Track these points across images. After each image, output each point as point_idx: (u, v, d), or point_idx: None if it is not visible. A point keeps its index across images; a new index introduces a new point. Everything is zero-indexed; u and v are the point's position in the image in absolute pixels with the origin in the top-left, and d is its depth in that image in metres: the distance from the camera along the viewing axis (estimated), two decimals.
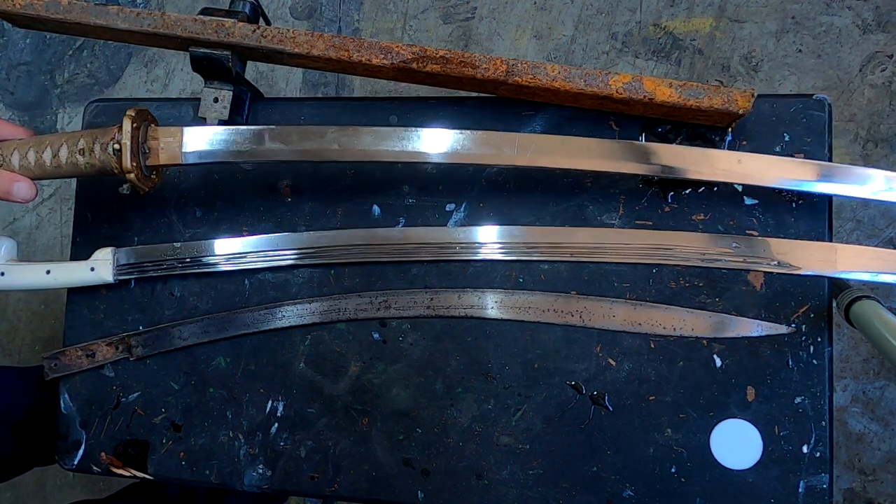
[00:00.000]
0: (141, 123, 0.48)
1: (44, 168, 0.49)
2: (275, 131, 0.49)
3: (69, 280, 0.55)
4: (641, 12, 1.18)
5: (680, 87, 0.48)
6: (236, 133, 0.49)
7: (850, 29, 1.12)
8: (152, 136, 0.49)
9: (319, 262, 0.55)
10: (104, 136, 0.48)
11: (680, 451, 0.51)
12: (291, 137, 0.49)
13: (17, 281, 0.54)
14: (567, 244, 0.52)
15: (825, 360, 0.50)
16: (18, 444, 0.75)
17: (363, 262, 0.54)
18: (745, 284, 0.51)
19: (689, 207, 0.52)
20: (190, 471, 0.56)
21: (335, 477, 0.54)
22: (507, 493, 0.52)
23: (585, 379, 0.52)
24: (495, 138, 0.49)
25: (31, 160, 0.49)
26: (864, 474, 1.10)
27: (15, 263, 0.54)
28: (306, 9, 1.31)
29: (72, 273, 0.55)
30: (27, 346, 1.37)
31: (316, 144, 0.49)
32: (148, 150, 0.49)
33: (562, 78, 0.49)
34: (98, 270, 0.54)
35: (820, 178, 0.48)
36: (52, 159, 0.49)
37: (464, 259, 0.53)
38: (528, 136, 0.49)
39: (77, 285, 0.56)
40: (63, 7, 0.51)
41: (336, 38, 0.50)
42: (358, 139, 0.49)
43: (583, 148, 0.49)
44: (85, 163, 0.48)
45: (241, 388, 0.56)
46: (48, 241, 1.37)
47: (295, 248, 0.54)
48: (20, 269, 0.54)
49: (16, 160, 0.49)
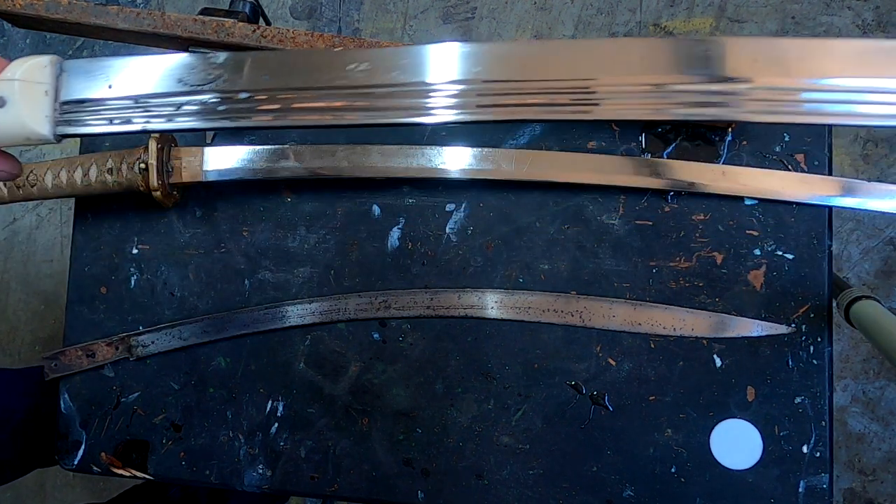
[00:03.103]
0: (165, 144, 0.52)
1: (75, 186, 0.53)
2: (289, 150, 0.53)
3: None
4: (641, 12, 1.18)
5: None
6: (254, 153, 0.53)
7: (850, 29, 1.12)
8: (175, 156, 0.53)
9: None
10: (130, 156, 0.52)
11: (680, 451, 0.51)
12: (304, 156, 0.53)
13: None
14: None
15: (825, 360, 0.50)
16: (19, 447, 0.75)
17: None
18: (745, 284, 0.51)
19: (689, 208, 0.52)
20: (190, 471, 0.56)
21: (335, 477, 0.54)
22: (507, 493, 0.52)
23: (585, 379, 0.52)
24: (494, 155, 0.52)
25: (63, 179, 0.53)
26: (864, 474, 1.10)
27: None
28: (306, 9, 1.31)
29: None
30: (27, 346, 1.37)
31: (327, 162, 0.53)
32: (171, 168, 0.53)
33: None
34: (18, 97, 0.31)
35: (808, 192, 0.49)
36: (82, 178, 0.53)
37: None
38: (525, 153, 0.52)
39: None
40: (63, 7, 0.51)
41: (336, 38, 0.50)
42: (366, 157, 0.53)
43: (575, 162, 0.52)
44: (113, 181, 0.53)
45: (241, 388, 0.56)
46: (48, 242, 1.37)
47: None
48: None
49: (49, 179, 0.53)
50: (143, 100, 0.28)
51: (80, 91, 0.28)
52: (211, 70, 0.28)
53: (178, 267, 0.57)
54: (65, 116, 0.28)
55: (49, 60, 0.28)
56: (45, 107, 0.28)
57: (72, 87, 0.28)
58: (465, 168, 0.52)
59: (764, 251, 0.51)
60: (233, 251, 0.56)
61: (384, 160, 0.52)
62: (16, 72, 0.28)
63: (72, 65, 0.28)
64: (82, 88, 0.28)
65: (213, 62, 0.28)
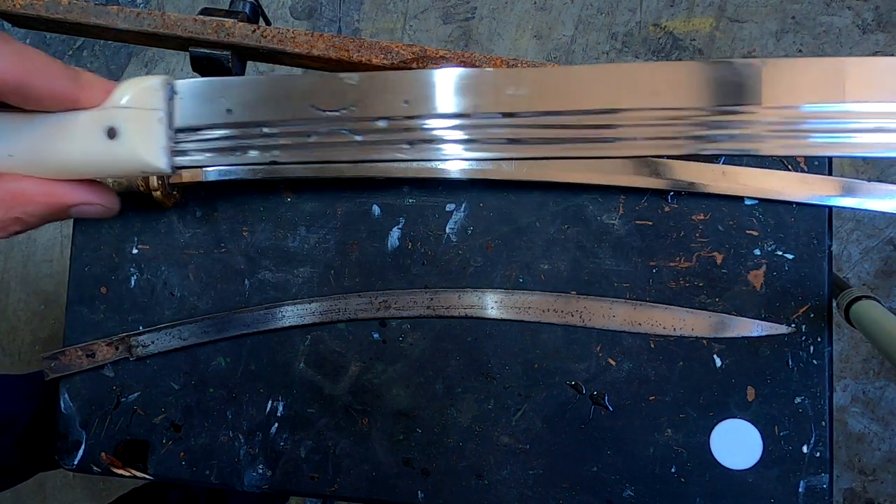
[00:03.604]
0: None
1: None
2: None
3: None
4: (641, 12, 1.18)
5: None
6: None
7: (850, 29, 1.12)
8: None
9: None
10: None
11: (680, 451, 0.51)
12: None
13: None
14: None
15: (825, 360, 0.50)
16: (22, 453, 0.75)
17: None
18: (745, 284, 0.51)
19: (689, 207, 0.52)
20: (190, 471, 0.56)
21: (335, 477, 0.54)
22: (507, 493, 0.52)
23: (585, 379, 0.52)
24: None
25: None
26: (864, 474, 1.10)
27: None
28: (306, 9, 1.31)
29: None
30: (27, 346, 1.37)
31: (328, 164, 0.51)
32: None
33: None
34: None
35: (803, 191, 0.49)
36: None
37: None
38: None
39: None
40: (63, 7, 0.51)
41: (336, 38, 0.50)
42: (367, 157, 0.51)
43: (575, 162, 0.52)
44: (113, 182, 0.52)
45: (241, 388, 0.56)
46: (48, 241, 1.37)
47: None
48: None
49: None
50: (269, 126, 0.25)
51: (196, 117, 0.25)
52: (345, 92, 0.24)
53: (178, 267, 0.57)
54: (180, 146, 0.25)
55: (160, 82, 0.25)
56: (160, 136, 0.25)
57: (187, 112, 0.25)
58: (465, 168, 0.52)
59: (764, 251, 0.51)
60: (233, 251, 0.56)
61: (384, 161, 0.52)
62: (126, 96, 0.25)
63: (185, 87, 0.25)
64: (199, 114, 0.25)
65: (348, 83, 0.24)
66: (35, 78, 0.23)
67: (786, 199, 0.50)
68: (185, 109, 0.25)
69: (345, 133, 0.25)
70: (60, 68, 0.24)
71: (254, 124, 0.25)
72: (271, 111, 0.25)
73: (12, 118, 0.25)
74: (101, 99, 0.25)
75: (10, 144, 0.25)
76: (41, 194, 0.25)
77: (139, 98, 0.25)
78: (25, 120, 0.25)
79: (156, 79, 0.25)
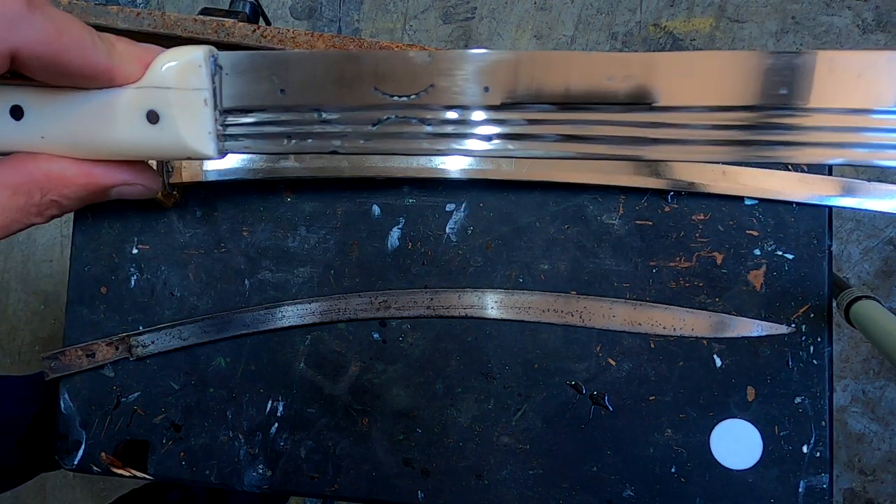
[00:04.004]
0: None
1: None
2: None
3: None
4: (641, 12, 1.19)
5: None
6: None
7: (850, 29, 1.12)
8: None
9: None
10: None
11: (680, 451, 0.51)
12: (304, 157, 0.52)
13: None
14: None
15: (825, 360, 0.50)
16: (24, 454, 0.75)
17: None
18: (745, 284, 0.51)
19: (689, 207, 0.52)
20: (190, 471, 0.56)
21: (335, 477, 0.54)
22: (507, 493, 0.52)
23: (585, 379, 0.52)
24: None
25: None
26: (864, 474, 1.10)
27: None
28: (306, 9, 1.31)
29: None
30: (27, 346, 1.37)
31: (328, 162, 0.52)
32: (171, 168, 0.52)
33: None
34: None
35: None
36: None
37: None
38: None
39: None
40: (63, 7, 0.51)
41: (336, 38, 0.50)
42: (366, 157, 0.52)
43: (576, 162, 0.51)
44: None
45: (241, 388, 0.56)
46: (48, 241, 1.37)
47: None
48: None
49: None
50: (328, 111, 0.22)
51: (244, 96, 0.22)
52: (415, 74, 0.21)
53: (178, 267, 0.57)
54: (229, 129, 0.22)
55: (203, 56, 0.22)
56: (206, 119, 0.22)
57: (234, 90, 0.22)
58: (465, 168, 0.52)
59: (764, 251, 0.51)
60: (233, 251, 0.56)
61: (384, 160, 0.52)
62: (166, 74, 0.22)
63: (230, 60, 0.22)
64: (248, 93, 0.22)
65: (421, 62, 0.21)
66: (70, 54, 0.20)
67: (786, 199, 0.50)
68: (233, 87, 0.22)
69: (414, 122, 0.21)
70: (96, 40, 0.21)
71: (310, 108, 0.22)
72: (330, 94, 0.21)
73: (42, 96, 0.22)
74: (138, 74, 0.22)
75: (41, 125, 0.23)
76: (78, 175, 0.23)
77: (181, 76, 0.22)
78: (57, 99, 0.22)
79: (198, 51, 0.22)
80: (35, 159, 0.23)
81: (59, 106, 0.22)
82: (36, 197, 0.23)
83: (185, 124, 0.22)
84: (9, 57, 0.19)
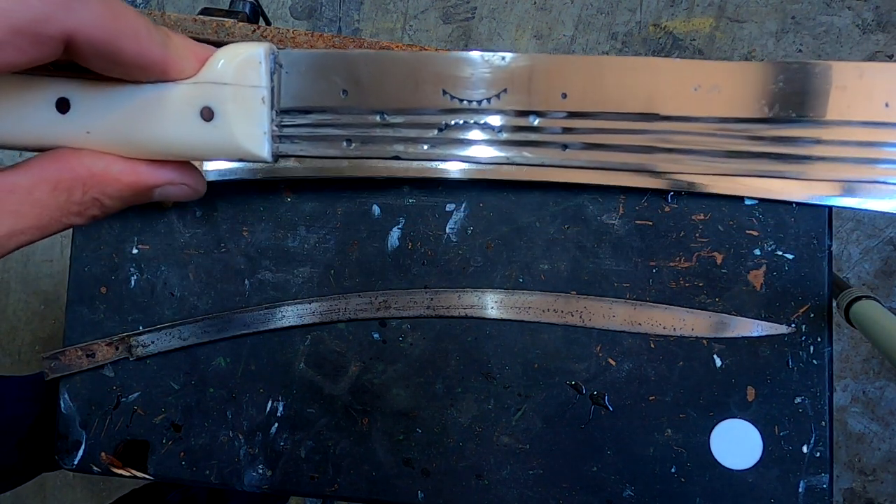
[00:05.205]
0: None
1: None
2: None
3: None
4: (641, 12, 1.19)
5: None
6: None
7: (850, 29, 1.12)
8: None
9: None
10: None
11: (680, 451, 0.51)
12: (304, 158, 0.51)
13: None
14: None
15: (825, 360, 0.50)
16: (25, 454, 0.75)
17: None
18: (745, 284, 0.51)
19: (689, 207, 0.52)
20: (190, 471, 0.56)
21: (335, 477, 0.54)
22: (507, 493, 0.52)
23: (585, 379, 0.52)
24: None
25: None
26: (864, 474, 1.10)
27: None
28: (306, 9, 1.31)
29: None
30: (27, 346, 1.37)
31: (328, 164, 0.52)
32: None
33: None
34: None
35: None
36: None
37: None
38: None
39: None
40: None
41: (336, 38, 0.50)
42: (367, 160, 0.51)
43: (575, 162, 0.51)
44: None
45: (241, 388, 0.56)
46: (48, 241, 1.37)
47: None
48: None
49: None
50: (391, 114, 0.21)
51: (304, 97, 0.21)
52: (486, 78, 0.20)
53: (178, 267, 0.57)
54: (285, 131, 0.22)
55: (264, 52, 0.21)
56: (262, 119, 0.21)
57: (293, 89, 0.21)
58: (465, 168, 0.52)
59: (764, 251, 0.51)
60: (233, 251, 0.56)
61: (385, 161, 0.52)
62: (223, 70, 0.21)
63: (291, 58, 0.21)
64: (307, 93, 0.21)
65: (495, 65, 0.20)
66: (125, 40, 0.19)
67: (786, 199, 0.50)
68: (292, 87, 0.21)
69: (486, 129, 0.21)
70: (151, 30, 0.20)
71: (373, 111, 0.21)
72: (395, 96, 0.21)
73: (90, 88, 0.21)
74: (193, 69, 0.21)
75: (88, 119, 0.21)
76: (124, 173, 0.22)
77: (238, 72, 0.21)
78: (105, 92, 0.21)
79: (258, 47, 0.21)
80: (79, 155, 0.21)
81: (108, 99, 0.21)
82: (77, 195, 0.22)
83: (240, 123, 0.21)
84: (63, 41, 0.18)
